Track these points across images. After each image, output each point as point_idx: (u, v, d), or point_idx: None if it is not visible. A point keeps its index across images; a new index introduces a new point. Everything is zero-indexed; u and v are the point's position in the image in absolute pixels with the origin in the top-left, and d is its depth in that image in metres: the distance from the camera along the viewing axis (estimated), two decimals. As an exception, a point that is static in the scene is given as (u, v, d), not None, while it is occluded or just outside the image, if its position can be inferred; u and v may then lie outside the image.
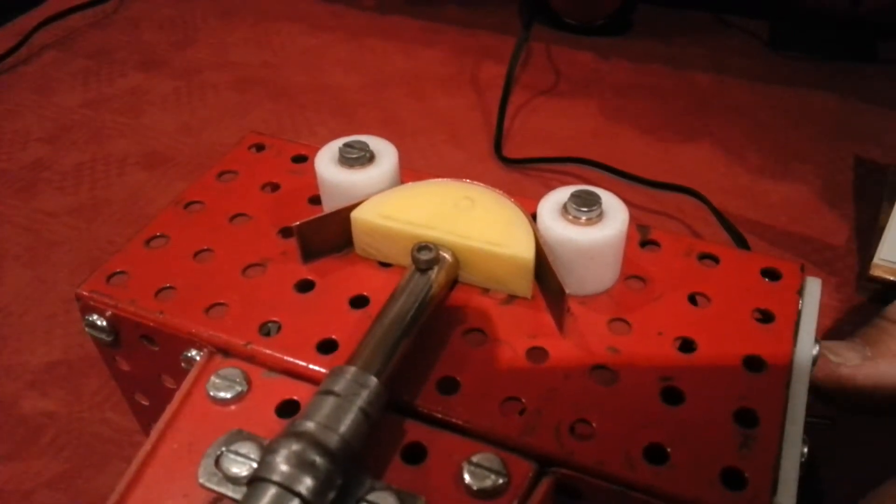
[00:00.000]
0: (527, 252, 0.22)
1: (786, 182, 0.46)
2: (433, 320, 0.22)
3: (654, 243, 0.25)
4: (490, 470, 0.18)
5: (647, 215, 0.44)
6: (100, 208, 0.47)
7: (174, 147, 0.51)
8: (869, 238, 0.42)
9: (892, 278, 0.39)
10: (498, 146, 0.48)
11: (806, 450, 0.20)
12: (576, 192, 0.22)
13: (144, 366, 0.24)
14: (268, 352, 0.21)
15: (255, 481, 0.16)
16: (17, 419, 0.36)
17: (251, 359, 0.21)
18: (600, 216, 0.22)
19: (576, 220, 0.22)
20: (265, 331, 0.22)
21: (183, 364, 0.22)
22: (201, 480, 0.18)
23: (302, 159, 0.27)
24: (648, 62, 0.58)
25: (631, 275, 0.23)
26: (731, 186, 0.47)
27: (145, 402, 0.26)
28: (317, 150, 0.25)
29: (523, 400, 0.20)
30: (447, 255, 0.22)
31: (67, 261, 0.43)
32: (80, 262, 0.43)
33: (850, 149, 0.48)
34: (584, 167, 0.46)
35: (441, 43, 0.61)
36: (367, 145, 0.24)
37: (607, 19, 0.59)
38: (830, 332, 0.38)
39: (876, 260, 0.40)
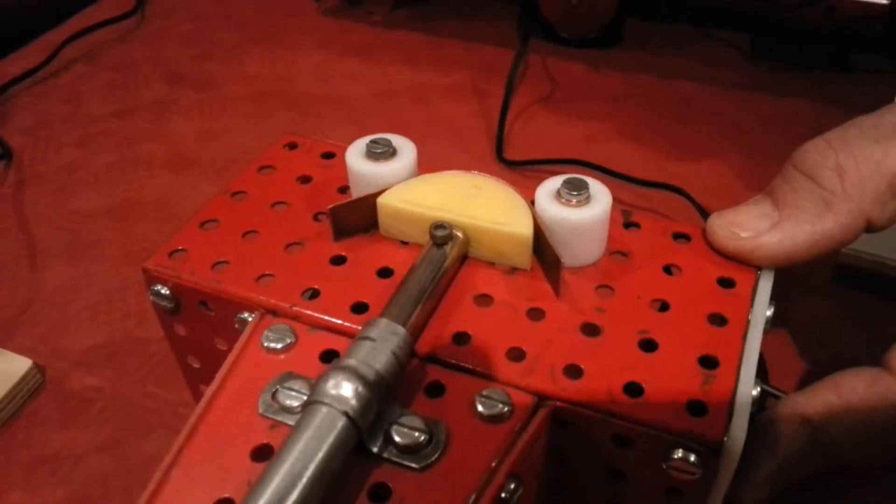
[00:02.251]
0: (526, 230, 0.26)
1: (764, 181, 0.51)
2: (448, 287, 0.26)
3: (636, 225, 0.29)
4: (498, 400, 0.22)
5: (636, 211, 0.48)
6: (132, 208, 0.51)
7: (198, 152, 0.56)
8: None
9: (861, 266, 0.43)
10: (499, 149, 0.52)
11: (757, 391, 0.24)
12: (567, 179, 0.26)
13: (200, 330, 0.28)
14: (309, 312, 0.25)
15: (309, 404, 0.21)
16: (67, 394, 0.40)
17: (296, 318, 0.25)
18: (588, 199, 0.26)
19: (567, 203, 0.26)
20: (307, 296, 0.26)
21: (236, 325, 0.26)
22: (261, 411, 0.22)
23: (330, 156, 0.31)
24: (637, 72, 0.62)
25: (615, 250, 0.27)
26: (713, 185, 0.51)
27: (197, 365, 0.29)
28: (343, 148, 0.30)
29: (524, 349, 0.24)
30: (459, 234, 0.26)
31: (105, 257, 0.47)
32: (117, 258, 0.47)
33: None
34: (578, 167, 0.50)
35: (444, 55, 0.65)
36: (390, 142, 0.28)
37: (599, 33, 0.63)
38: (805, 321, 0.42)
39: (846, 249, 0.44)
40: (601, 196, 0.26)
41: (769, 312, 0.26)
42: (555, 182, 0.27)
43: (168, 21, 0.72)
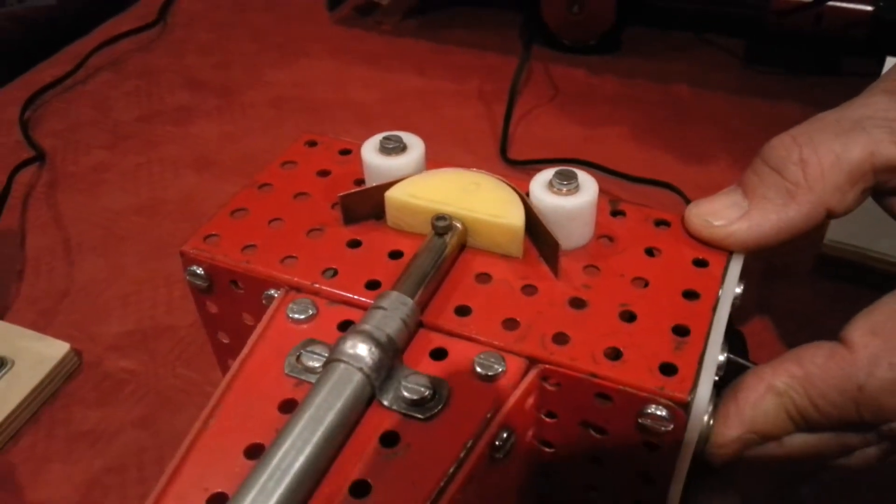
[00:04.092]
0: (518, 221, 0.29)
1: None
2: (450, 270, 0.29)
3: (622, 213, 0.32)
4: (494, 362, 0.25)
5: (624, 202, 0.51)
6: (158, 207, 0.54)
7: (219, 154, 0.59)
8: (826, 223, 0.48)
9: (841, 257, 0.46)
10: (504, 149, 0.56)
11: (723, 356, 0.27)
12: (558, 170, 0.29)
13: (230, 307, 0.31)
14: (328, 289, 0.28)
15: (329, 363, 0.24)
16: (102, 375, 0.43)
17: (317, 294, 0.28)
18: (577, 188, 0.29)
19: (559, 192, 0.29)
20: (326, 275, 0.29)
21: (264, 301, 0.29)
22: (287, 371, 0.25)
23: (347, 152, 0.35)
24: (635, 77, 0.66)
25: (602, 234, 0.31)
26: (705, 183, 0.54)
27: (226, 340, 0.33)
28: (358, 145, 0.33)
29: (518, 319, 0.27)
30: (458, 224, 0.30)
31: (135, 251, 0.51)
32: (146, 252, 0.51)
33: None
34: (577, 166, 0.53)
35: (450, 62, 0.68)
36: (401, 138, 0.31)
37: (599, 40, 0.67)
38: (788, 308, 0.45)
39: (826, 241, 0.47)
40: (589, 185, 0.29)
41: (738, 290, 0.29)
42: (547, 174, 0.30)
43: (189, 31, 0.75)
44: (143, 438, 0.40)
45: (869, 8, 0.59)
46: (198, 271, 0.30)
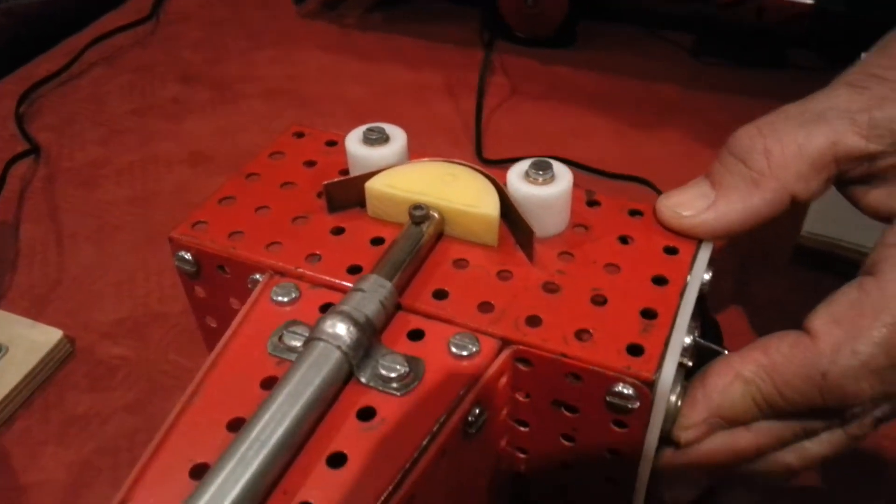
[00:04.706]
0: (493, 211, 0.30)
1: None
2: (427, 256, 0.30)
3: (597, 203, 0.33)
4: (468, 343, 0.26)
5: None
6: (152, 199, 0.55)
7: (213, 148, 0.60)
8: (802, 215, 0.49)
9: (817, 248, 0.47)
10: (479, 149, 0.57)
11: (690, 339, 0.28)
12: (534, 161, 0.31)
13: (217, 291, 0.32)
14: (311, 273, 0.29)
15: (309, 341, 0.25)
16: (95, 361, 0.44)
17: (300, 278, 0.29)
18: (552, 178, 0.30)
19: (535, 181, 0.30)
20: (309, 260, 0.30)
21: (249, 286, 0.30)
22: (269, 350, 0.27)
23: (332, 143, 0.36)
24: (591, 70, 0.67)
25: (578, 223, 0.32)
26: (673, 175, 0.55)
27: (214, 325, 0.34)
28: (343, 137, 0.34)
29: (493, 303, 0.28)
30: (435, 214, 0.31)
31: (128, 240, 0.52)
32: (139, 242, 0.52)
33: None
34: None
35: (409, 56, 0.70)
36: (384, 130, 0.32)
37: (553, 33, 0.68)
38: (765, 298, 0.46)
39: (803, 232, 0.48)
40: (563, 175, 0.30)
41: (707, 276, 0.30)
42: (524, 164, 0.31)
43: (182, 26, 0.76)
44: (134, 422, 0.41)
45: (811, 1, 0.60)
46: (186, 256, 0.31)
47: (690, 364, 0.31)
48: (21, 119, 0.63)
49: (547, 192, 0.30)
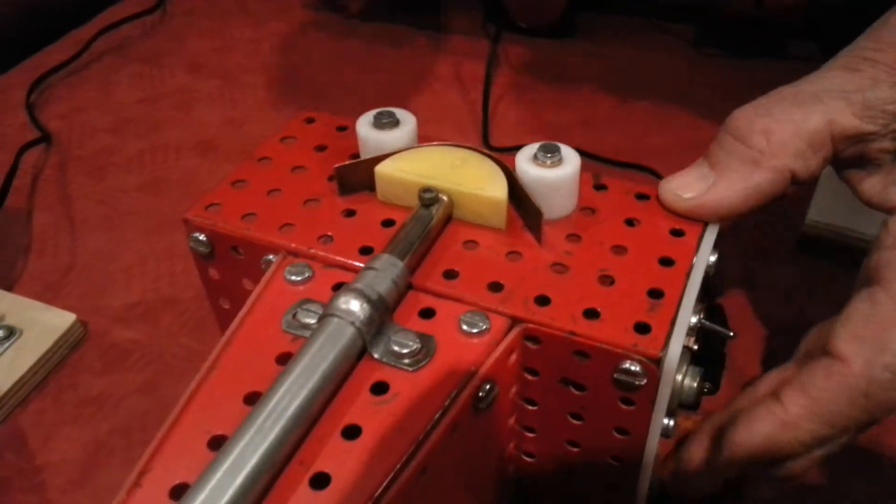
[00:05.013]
0: (501, 194, 0.31)
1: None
2: (437, 238, 0.31)
3: (604, 187, 0.33)
4: (479, 320, 0.27)
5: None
6: (161, 186, 0.56)
7: (221, 136, 0.61)
8: (806, 204, 0.50)
9: (821, 236, 0.48)
10: (485, 138, 0.58)
11: (696, 319, 0.28)
12: (542, 144, 0.31)
13: (231, 272, 0.32)
14: (323, 254, 0.30)
15: (323, 318, 0.25)
16: (108, 345, 0.45)
17: (313, 258, 0.30)
18: (560, 160, 0.31)
19: (543, 164, 0.31)
20: (322, 241, 0.30)
21: (262, 266, 0.31)
22: (284, 327, 0.27)
23: (343, 128, 0.36)
24: (593, 60, 0.67)
25: (584, 206, 0.32)
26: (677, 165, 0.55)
27: (227, 306, 0.34)
28: (353, 122, 0.34)
29: (502, 282, 0.29)
30: (444, 197, 0.31)
31: (138, 226, 0.52)
32: (149, 228, 0.52)
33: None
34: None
35: (415, 46, 0.70)
36: (394, 114, 0.33)
37: (554, 23, 0.69)
38: (771, 285, 0.47)
39: (808, 221, 0.48)
40: (571, 158, 0.31)
41: (713, 259, 0.30)
42: (532, 148, 0.31)
43: (189, 17, 0.77)
44: (147, 403, 0.42)
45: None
46: (200, 237, 0.32)
47: (696, 348, 0.32)
48: (31, 108, 0.63)
49: (555, 175, 0.31)
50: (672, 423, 0.30)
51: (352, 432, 0.24)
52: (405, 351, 0.26)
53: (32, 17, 0.74)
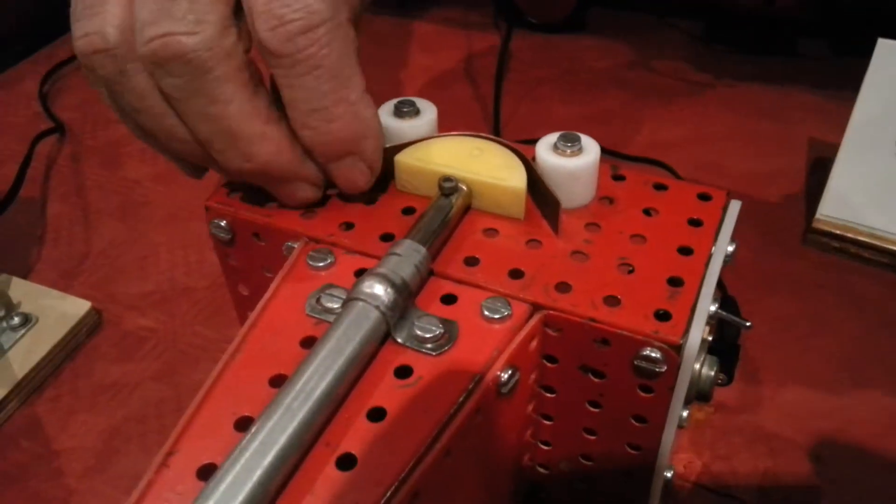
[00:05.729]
0: (520, 184, 0.31)
1: (703, 147, 0.55)
2: (457, 226, 0.31)
3: (622, 177, 0.34)
4: (500, 306, 0.27)
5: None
6: (175, 176, 0.56)
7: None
8: (816, 198, 0.50)
9: (831, 231, 0.48)
10: (497, 133, 0.58)
11: (714, 307, 0.28)
12: (562, 134, 0.31)
13: (251, 259, 0.33)
14: (346, 241, 0.30)
15: (347, 301, 0.26)
16: (123, 333, 0.45)
17: (335, 245, 0.30)
18: (580, 150, 0.31)
19: (563, 153, 0.31)
20: (343, 228, 0.31)
21: (284, 253, 0.31)
22: (308, 311, 0.27)
23: (362, 117, 0.36)
24: (604, 56, 0.68)
25: (603, 196, 0.32)
26: (695, 162, 0.56)
27: (246, 293, 0.35)
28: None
29: (523, 269, 0.29)
30: (463, 187, 0.31)
31: (153, 216, 0.53)
32: (163, 217, 0.53)
33: (790, 129, 0.57)
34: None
35: (425, 39, 0.71)
36: (414, 103, 0.33)
37: (564, 18, 0.69)
38: (780, 278, 0.47)
39: (818, 215, 0.49)
40: (591, 147, 0.31)
41: (731, 248, 0.31)
42: (552, 137, 0.32)
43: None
44: (162, 390, 0.42)
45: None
46: (221, 224, 0.32)
47: (710, 339, 0.32)
48: (45, 98, 0.64)
49: (575, 164, 0.31)
50: (686, 413, 0.31)
51: (377, 415, 0.24)
52: (429, 335, 0.26)
53: (45, 7, 0.75)
